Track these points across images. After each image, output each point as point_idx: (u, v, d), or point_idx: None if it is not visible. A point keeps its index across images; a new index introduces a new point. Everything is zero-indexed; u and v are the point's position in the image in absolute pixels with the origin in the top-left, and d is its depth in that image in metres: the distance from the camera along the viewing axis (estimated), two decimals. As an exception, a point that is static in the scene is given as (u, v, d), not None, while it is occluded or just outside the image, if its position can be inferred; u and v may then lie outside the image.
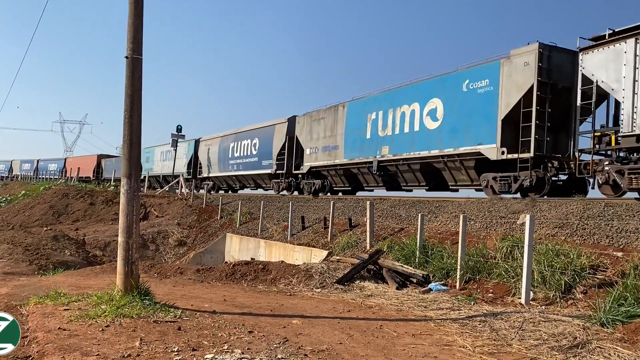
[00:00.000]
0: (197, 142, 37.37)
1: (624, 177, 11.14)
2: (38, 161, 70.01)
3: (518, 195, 14.05)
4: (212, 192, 32.25)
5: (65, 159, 63.85)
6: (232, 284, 10.54)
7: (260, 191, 30.95)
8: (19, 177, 67.16)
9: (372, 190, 21.14)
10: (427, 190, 17.93)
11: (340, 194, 22.73)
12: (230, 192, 33.88)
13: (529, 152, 13.07)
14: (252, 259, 15.74)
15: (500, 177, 14.13)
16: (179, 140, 36.30)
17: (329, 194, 22.92)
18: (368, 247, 12.75)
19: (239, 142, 30.86)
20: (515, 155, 13.38)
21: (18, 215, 29.55)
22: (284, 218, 18.60)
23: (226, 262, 14.91)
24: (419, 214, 11.42)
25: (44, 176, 63.08)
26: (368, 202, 13.53)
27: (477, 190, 15.75)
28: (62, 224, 26.72)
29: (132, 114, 7.00)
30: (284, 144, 25.53)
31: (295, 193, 25.13)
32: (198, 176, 36.73)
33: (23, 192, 37.76)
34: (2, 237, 16.93)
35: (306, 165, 23.64)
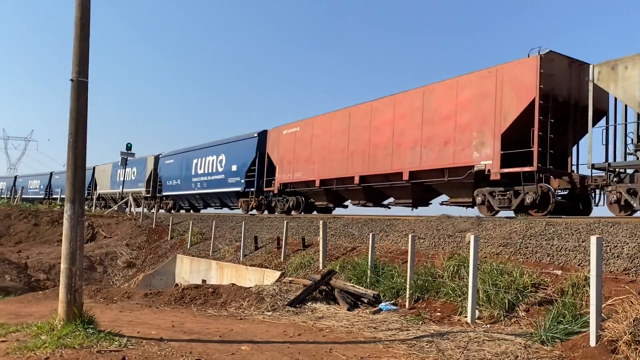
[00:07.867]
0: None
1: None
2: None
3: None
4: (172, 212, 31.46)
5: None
6: (181, 308, 10.33)
7: (211, 210, 30.28)
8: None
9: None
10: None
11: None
12: (192, 211, 32.47)
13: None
14: (203, 281, 15.53)
15: None
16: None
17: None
18: (321, 267, 12.78)
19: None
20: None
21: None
22: (236, 238, 18.42)
23: (176, 285, 14.66)
24: (371, 233, 11.57)
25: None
26: (321, 222, 13.60)
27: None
28: (3, 246, 25.50)
29: (77, 138, 6.83)
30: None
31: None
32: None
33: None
34: (-64, 261, 16.03)
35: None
